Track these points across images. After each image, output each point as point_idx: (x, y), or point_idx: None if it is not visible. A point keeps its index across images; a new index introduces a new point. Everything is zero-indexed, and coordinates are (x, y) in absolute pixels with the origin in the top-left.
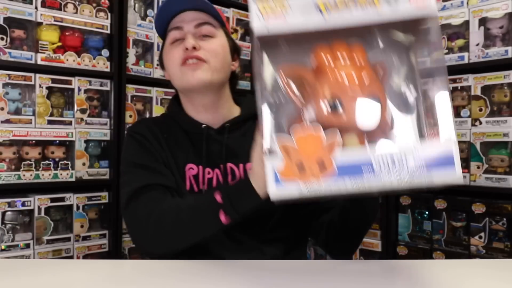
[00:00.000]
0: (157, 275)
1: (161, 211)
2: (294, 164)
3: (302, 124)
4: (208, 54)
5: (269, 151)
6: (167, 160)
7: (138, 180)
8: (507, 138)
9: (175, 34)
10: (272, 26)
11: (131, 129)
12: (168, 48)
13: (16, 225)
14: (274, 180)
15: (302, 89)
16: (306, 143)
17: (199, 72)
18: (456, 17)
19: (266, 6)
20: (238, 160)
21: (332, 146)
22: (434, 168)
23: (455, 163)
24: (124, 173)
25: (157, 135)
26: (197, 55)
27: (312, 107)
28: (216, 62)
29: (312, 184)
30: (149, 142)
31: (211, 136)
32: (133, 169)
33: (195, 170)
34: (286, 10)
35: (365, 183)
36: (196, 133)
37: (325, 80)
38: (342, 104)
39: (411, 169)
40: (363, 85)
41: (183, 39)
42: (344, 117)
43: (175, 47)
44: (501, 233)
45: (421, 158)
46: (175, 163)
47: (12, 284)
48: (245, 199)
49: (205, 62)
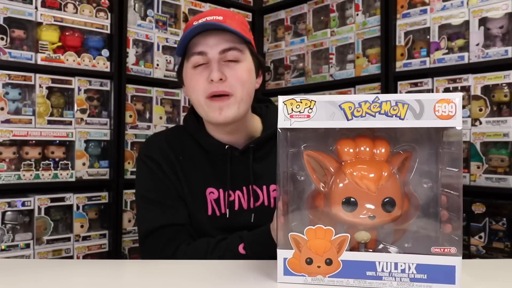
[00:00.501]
0: (157, 275)
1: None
2: (303, 259)
3: (315, 216)
4: (234, 84)
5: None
6: (182, 187)
7: (151, 220)
8: (507, 138)
9: (197, 60)
10: (296, 124)
11: (143, 152)
12: (190, 72)
13: (16, 225)
14: (283, 270)
15: (323, 175)
16: (317, 238)
17: (226, 110)
18: (456, 17)
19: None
20: (261, 182)
21: (342, 245)
22: (435, 280)
23: (456, 279)
24: (138, 208)
25: (171, 160)
26: (223, 90)
27: (329, 198)
28: (243, 92)
29: (317, 278)
30: (162, 172)
31: (235, 157)
32: (146, 205)
33: (216, 194)
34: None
35: (367, 285)
36: (219, 153)
37: (344, 173)
38: (357, 201)
39: (412, 278)
40: (380, 183)
41: (206, 63)
42: (357, 214)
43: (198, 73)
44: (501, 233)
45: (424, 269)
46: (193, 188)
47: (12, 284)
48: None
49: (232, 95)
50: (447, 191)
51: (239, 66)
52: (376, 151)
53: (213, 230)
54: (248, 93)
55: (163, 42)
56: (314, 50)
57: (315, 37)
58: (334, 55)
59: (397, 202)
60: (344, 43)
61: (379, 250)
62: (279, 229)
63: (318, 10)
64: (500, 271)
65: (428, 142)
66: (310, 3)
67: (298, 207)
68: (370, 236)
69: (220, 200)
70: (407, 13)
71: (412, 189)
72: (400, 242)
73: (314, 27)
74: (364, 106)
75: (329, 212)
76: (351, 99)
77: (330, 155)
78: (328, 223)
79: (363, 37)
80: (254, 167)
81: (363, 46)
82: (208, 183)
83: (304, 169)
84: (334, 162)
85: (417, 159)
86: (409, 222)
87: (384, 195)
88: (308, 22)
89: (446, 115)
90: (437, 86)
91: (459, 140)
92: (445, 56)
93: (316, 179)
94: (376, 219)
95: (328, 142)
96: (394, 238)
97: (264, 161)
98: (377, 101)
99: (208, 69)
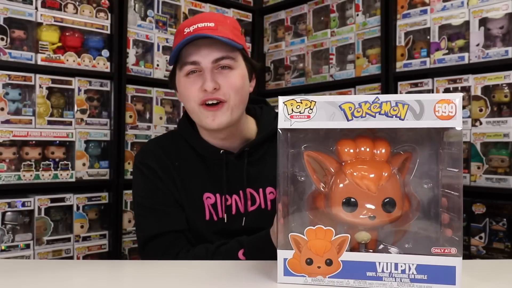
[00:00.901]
0: (157, 277)
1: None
2: (304, 260)
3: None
4: (227, 92)
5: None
6: (179, 193)
7: (149, 227)
8: (507, 139)
9: (190, 68)
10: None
11: (138, 159)
12: (184, 80)
13: (16, 226)
14: (283, 271)
15: (323, 175)
16: (317, 238)
17: (219, 117)
18: (457, 17)
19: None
20: (257, 185)
21: (342, 245)
22: (435, 281)
23: (456, 280)
24: (136, 215)
25: (167, 166)
26: (217, 97)
27: (329, 198)
28: (236, 98)
29: (317, 279)
30: (158, 178)
31: (230, 161)
32: (143, 213)
33: (213, 199)
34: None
35: (367, 286)
36: (214, 158)
37: (345, 173)
38: (357, 202)
39: (413, 279)
40: (381, 184)
41: (199, 71)
42: (358, 214)
43: (192, 81)
44: (501, 234)
45: (425, 270)
46: (190, 193)
47: (12, 285)
48: (266, 256)
49: (225, 102)
50: (448, 191)
51: (232, 74)
52: (376, 151)
53: (211, 234)
54: (242, 99)
55: (163, 42)
56: (314, 51)
57: (315, 38)
58: (334, 55)
59: (398, 203)
60: (344, 43)
61: (380, 250)
62: (279, 230)
63: (318, 11)
64: (500, 272)
65: (428, 142)
66: (310, 4)
67: (299, 208)
68: (370, 237)
69: (217, 205)
70: (407, 13)
71: (413, 190)
72: (400, 243)
73: (314, 28)
74: (364, 107)
75: (329, 213)
76: (351, 100)
77: (331, 156)
78: (328, 223)
79: (363, 38)
80: (249, 170)
81: (363, 47)
82: (205, 188)
83: (304, 169)
84: (334, 163)
85: (418, 160)
86: (410, 223)
87: (384, 196)
88: (308, 22)
89: (446, 115)
90: (437, 87)
91: (459, 141)
92: (445, 57)
93: (316, 180)
94: (376, 219)
95: (328, 142)
96: (394, 238)
97: (260, 164)
98: (377, 102)
99: (201, 78)
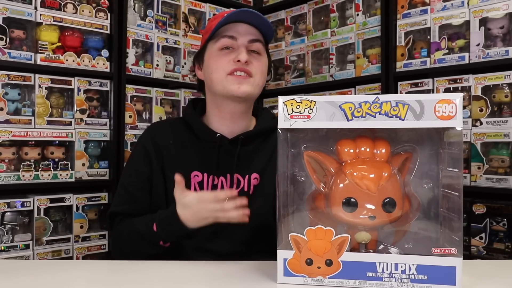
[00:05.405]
0: (156, 276)
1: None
2: (303, 260)
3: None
4: (255, 70)
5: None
6: (164, 171)
7: (116, 203)
8: (508, 139)
9: (226, 42)
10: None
11: (139, 138)
12: (216, 53)
13: (16, 226)
14: (283, 271)
15: (323, 175)
16: (317, 238)
17: (245, 86)
18: (457, 17)
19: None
20: (245, 172)
21: (342, 245)
22: (435, 281)
23: (457, 280)
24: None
25: (161, 145)
26: (247, 69)
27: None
28: (260, 79)
29: (317, 279)
30: (144, 157)
31: (223, 145)
32: (120, 188)
33: (200, 177)
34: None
35: (367, 286)
36: (209, 141)
37: (345, 173)
38: (357, 202)
39: (413, 279)
40: (381, 184)
41: (233, 48)
42: (358, 214)
43: (224, 54)
44: (502, 234)
45: (425, 270)
46: (178, 171)
47: (11, 285)
48: (174, 229)
49: (252, 77)
50: (448, 191)
51: (260, 58)
52: (376, 151)
53: None
54: (262, 84)
55: (163, 42)
56: (314, 50)
57: (315, 37)
58: (334, 55)
59: (398, 203)
60: (344, 43)
61: (380, 250)
62: (279, 230)
63: (318, 10)
64: (500, 272)
65: (429, 142)
66: (310, 3)
67: (298, 208)
68: (370, 237)
69: (203, 183)
70: (407, 13)
71: (413, 190)
72: (400, 243)
73: (314, 27)
74: (364, 107)
75: (329, 213)
76: (351, 100)
77: (331, 156)
78: (328, 223)
79: (363, 37)
80: (240, 157)
81: (363, 46)
82: (194, 167)
83: (304, 169)
84: (334, 163)
85: (418, 160)
86: (410, 223)
87: (385, 196)
88: (308, 22)
89: (447, 115)
90: (438, 87)
91: (460, 141)
92: (445, 57)
93: (316, 180)
94: (376, 219)
95: (329, 142)
96: (394, 238)
97: (251, 155)
98: (377, 102)
99: (234, 53)
